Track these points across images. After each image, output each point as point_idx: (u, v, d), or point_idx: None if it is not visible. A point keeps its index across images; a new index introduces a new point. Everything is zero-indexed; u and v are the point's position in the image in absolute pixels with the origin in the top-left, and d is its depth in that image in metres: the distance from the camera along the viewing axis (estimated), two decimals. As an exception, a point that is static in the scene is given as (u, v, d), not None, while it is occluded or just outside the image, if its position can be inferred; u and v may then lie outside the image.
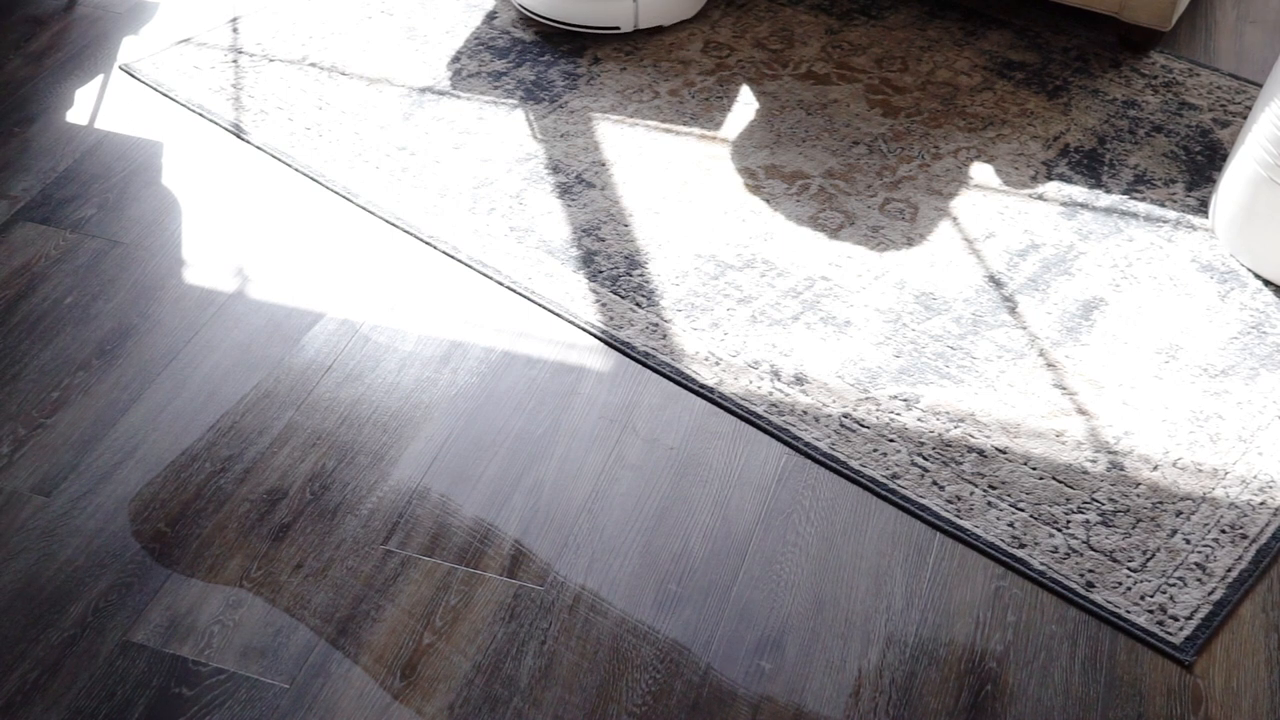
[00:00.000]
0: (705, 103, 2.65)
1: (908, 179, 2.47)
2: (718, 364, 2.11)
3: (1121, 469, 1.97)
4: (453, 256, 2.30)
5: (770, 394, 2.07)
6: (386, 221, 2.37)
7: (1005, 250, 2.33)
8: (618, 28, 2.75)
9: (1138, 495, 1.93)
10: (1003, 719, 1.67)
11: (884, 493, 1.93)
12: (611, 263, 2.29)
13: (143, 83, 2.68)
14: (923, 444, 2.00)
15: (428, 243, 2.33)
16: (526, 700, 1.68)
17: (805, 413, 2.04)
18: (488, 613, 1.77)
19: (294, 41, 2.80)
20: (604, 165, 2.49)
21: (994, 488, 1.94)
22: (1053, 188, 2.47)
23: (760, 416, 2.03)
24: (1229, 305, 2.23)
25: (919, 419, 2.03)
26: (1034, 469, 1.97)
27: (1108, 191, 2.46)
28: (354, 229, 2.36)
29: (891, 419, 2.03)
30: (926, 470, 1.96)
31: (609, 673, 1.71)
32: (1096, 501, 1.92)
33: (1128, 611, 1.79)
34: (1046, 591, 1.82)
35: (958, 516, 1.90)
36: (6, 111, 2.59)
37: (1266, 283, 2.28)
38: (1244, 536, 1.88)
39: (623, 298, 2.22)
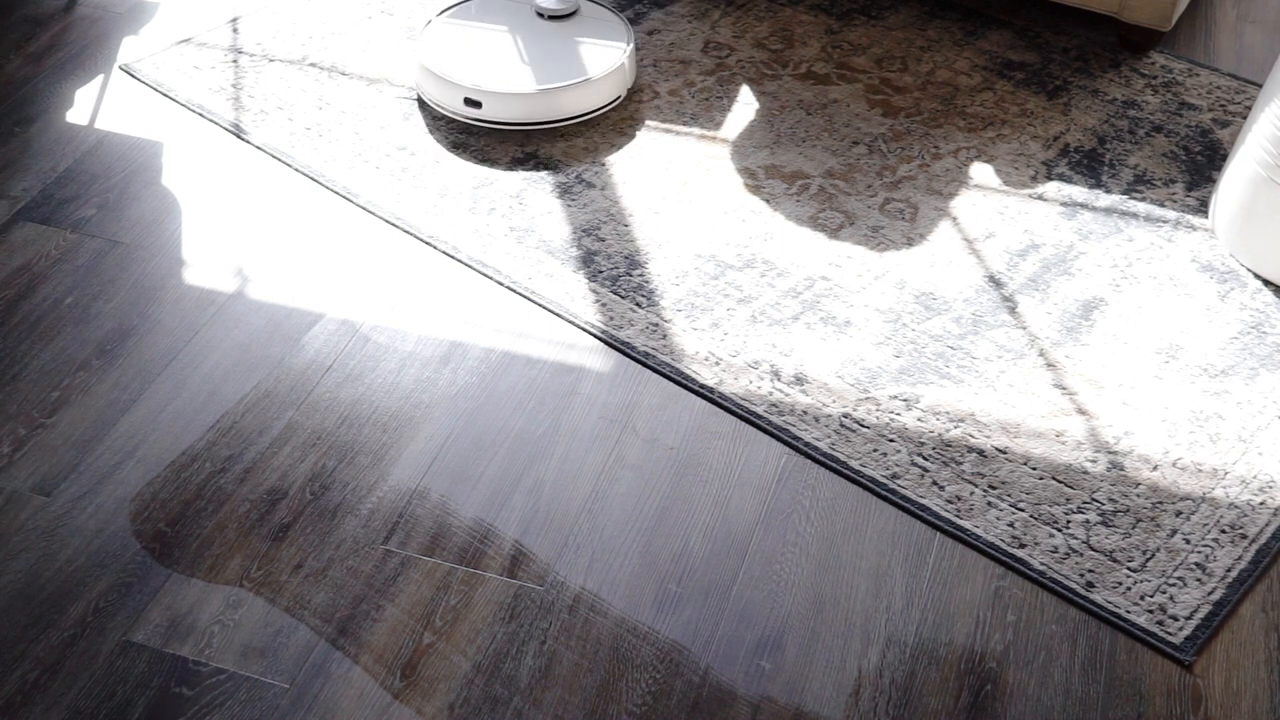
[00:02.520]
0: (705, 103, 2.65)
1: (908, 179, 2.47)
2: (718, 364, 2.11)
3: (1121, 469, 1.97)
4: (453, 256, 2.30)
5: (770, 394, 2.07)
6: (386, 221, 2.37)
7: (1005, 250, 2.33)
8: (619, 97, 2.60)
9: (1138, 495, 1.93)
10: (1003, 719, 1.67)
11: (884, 493, 1.93)
12: (611, 263, 2.29)
13: (143, 83, 2.68)
14: (923, 444, 2.00)
15: (428, 243, 2.33)
16: (526, 700, 1.68)
17: (805, 413, 2.04)
18: (488, 613, 1.77)
19: (294, 41, 2.80)
20: (604, 165, 2.49)
21: (994, 488, 1.94)
22: (1053, 188, 2.47)
23: (760, 416, 2.03)
24: (1229, 305, 2.23)
25: (919, 419, 2.03)
26: (1034, 469, 1.97)
27: (1108, 191, 2.46)
28: (354, 229, 2.36)
29: (891, 419, 2.03)
30: (926, 470, 1.96)
31: (609, 673, 1.71)
32: (1096, 501, 1.92)
33: (1128, 611, 1.79)
34: (1046, 591, 1.82)
35: (958, 516, 1.90)
36: (6, 111, 2.59)
37: (1266, 283, 2.28)
38: (1244, 536, 1.88)
39: (623, 298, 2.22)
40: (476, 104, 2.50)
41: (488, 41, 2.60)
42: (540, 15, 2.65)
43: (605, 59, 2.56)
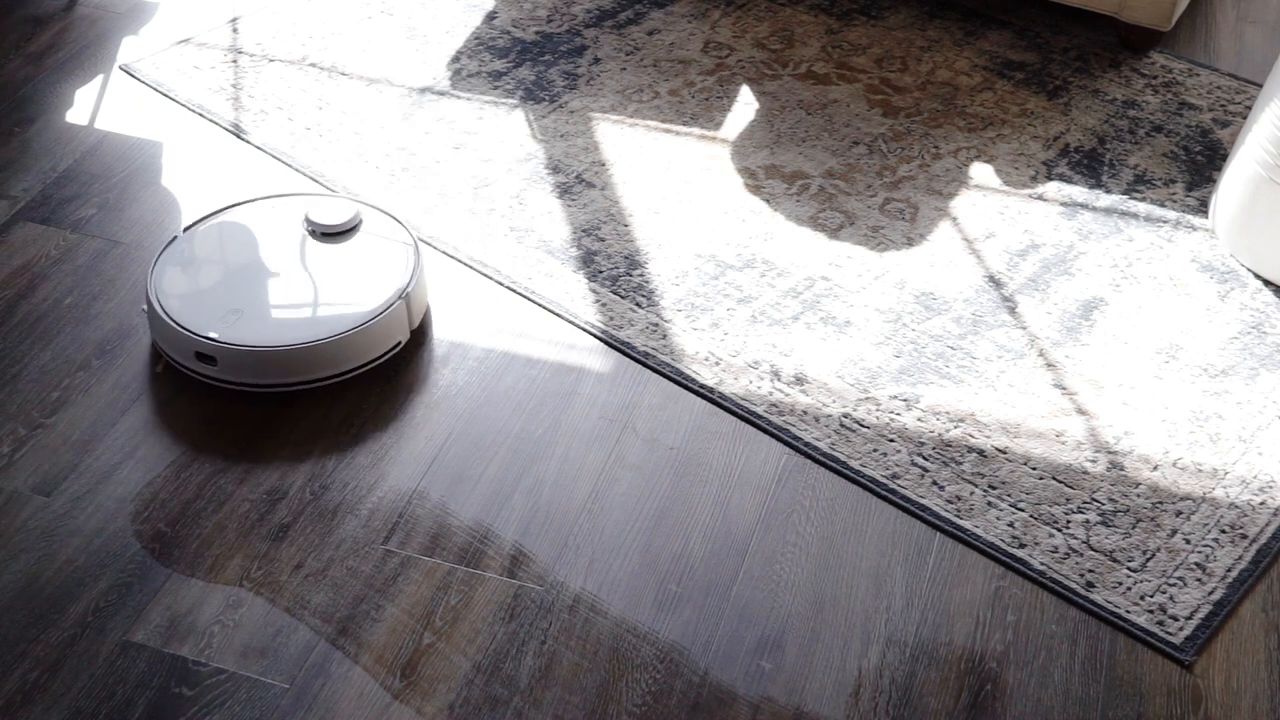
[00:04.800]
0: (705, 103, 2.65)
1: (908, 179, 2.47)
2: (718, 364, 2.11)
3: (1121, 469, 1.97)
4: (453, 256, 2.30)
5: (770, 394, 2.07)
6: (386, 221, 2.37)
7: (1005, 250, 2.33)
8: (399, 343, 2.08)
9: (1138, 495, 1.93)
10: (1003, 719, 1.67)
11: (884, 493, 1.93)
12: (611, 263, 2.29)
13: (143, 83, 2.68)
14: (923, 444, 2.00)
15: (427, 243, 2.33)
16: (526, 700, 1.68)
17: (805, 413, 2.04)
18: (488, 613, 1.77)
19: (294, 41, 2.80)
20: (604, 165, 2.49)
21: (994, 488, 1.94)
22: (1053, 188, 2.47)
23: (760, 416, 2.03)
24: (1229, 305, 2.23)
25: (919, 419, 2.03)
26: (1034, 469, 1.97)
27: (1108, 191, 2.46)
28: (354, 229, 2.36)
29: (891, 419, 2.03)
30: (926, 470, 1.96)
31: (609, 673, 1.71)
32: (1096, 501, 1.92)
33: (1128, 611, 1.79)
34: (1046, 591, 1.82)
35: (958, 516, 1.90)
36: (6, 111, 2.59)
37: (1266, 283, 2.28)
38: (1244, 536, 1.88)
39: (623, 298, 2.22)
40: (211, 360, 1.98)
41: (237, 271, 2.08)
42: (311, 233, 2.14)
43: (380, 295, 2.04)
